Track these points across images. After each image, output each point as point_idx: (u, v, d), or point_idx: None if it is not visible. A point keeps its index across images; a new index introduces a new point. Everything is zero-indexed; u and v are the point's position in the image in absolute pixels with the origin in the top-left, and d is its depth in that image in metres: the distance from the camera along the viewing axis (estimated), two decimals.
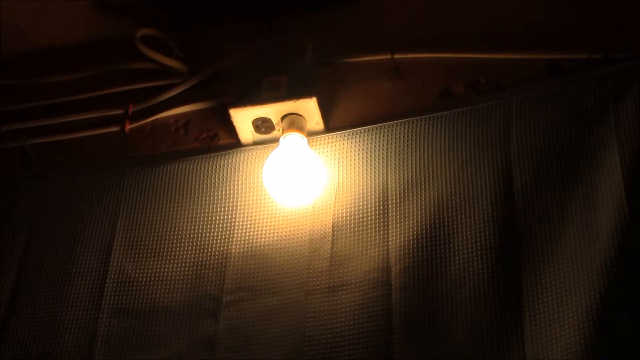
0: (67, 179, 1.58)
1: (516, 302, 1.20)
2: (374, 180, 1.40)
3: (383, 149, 1.42)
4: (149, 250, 1.45)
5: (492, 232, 1.26)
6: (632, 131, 1.24)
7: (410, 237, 1.31)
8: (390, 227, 1.34)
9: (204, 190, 1.49)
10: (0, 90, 1.76)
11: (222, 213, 1.45)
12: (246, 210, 1.44)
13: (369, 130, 1.45)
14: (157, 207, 1.50)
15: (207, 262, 1.41)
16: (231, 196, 1.47)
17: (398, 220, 1.34)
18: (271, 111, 1.46)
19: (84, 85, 1.72)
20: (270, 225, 1.42)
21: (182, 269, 1.42)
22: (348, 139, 1.46)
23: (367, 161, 1.42)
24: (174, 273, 1.42)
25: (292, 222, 1.41)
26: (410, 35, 1.56)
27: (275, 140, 1.47)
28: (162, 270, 1.42)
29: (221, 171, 1.50)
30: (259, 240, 1.41)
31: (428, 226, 1.31)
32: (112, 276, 1.44)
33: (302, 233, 1.40)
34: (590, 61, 1.38)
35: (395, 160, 1.40)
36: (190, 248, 1.43)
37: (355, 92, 1.55)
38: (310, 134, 1.48)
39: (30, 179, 1.61)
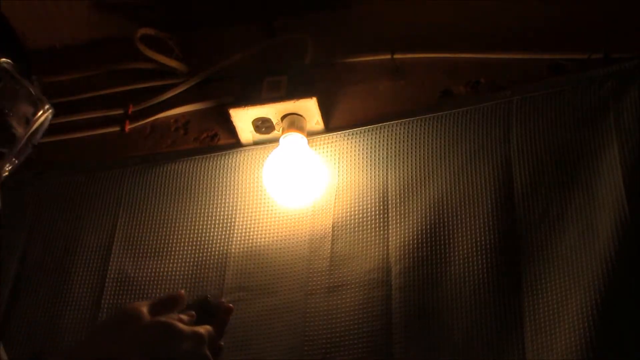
0: (67, 179, 1.58)
1: (516, 302, 1.20)
2: (374, 180, 1.40)
3: (383, 149, 1.42)
4: (149, 250, 1.45)
5: (492, 232, 1.26)
6: (632, 131, 1.24)
7: (410, 237, 1.31)
8: (390, 227, 1.34)
9: (204, 190, 1.49)
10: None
11: (222, 213, 1.45)
12: (246, 210, 1.44)
13: (369, 130, 1.45)
14: (157, 207, 1.50)
15: (207, 261, 1.41)
16: (231, 196, 1.47)
17: (398, 220, 1.34)
18: (271, 111, 1.46)
19: (84, 85, 1.72)
20: (270, 226, 1.42)
21: (182, 268, 1.42)
22: (348, 139, 1.46)
23: (367, 161, 1.42)
24: (173, 273, 1.42)
25: (292, 223, 1.41)
26: (410, 35, 1.56)
27: (275, 140, 1.47)
28: (162, 269, 1.42)
29: (221, 171, 1.50)
30: (259, 240, 1.41)
31: (428, 226, 1.31)
32: (112, 276, 1.44)
33: (302, 233, 1.39)
34: (590, 61, 1.38)
35: (395, 160, 1.40)
36: (190, 248, 1.43)
37: (355, 92, 1.55)
38: (310, 134, 1.48)
39: (30, 179, 1.61)
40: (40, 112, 0.90)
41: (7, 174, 0.91)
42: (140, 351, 0.87)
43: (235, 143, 1.54)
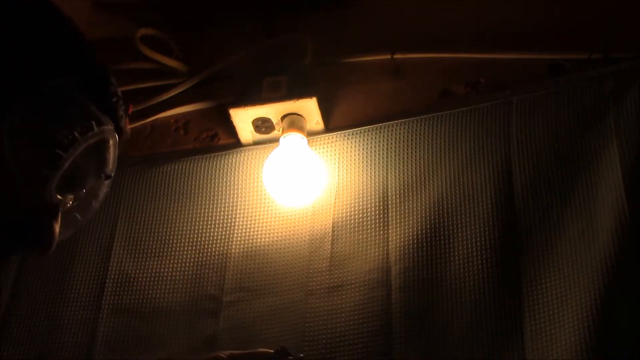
0: None
1: (516, 302, 1.20)
2: (374, 180, 1.40)
3: (383, 149, 1.42)
4: (149, 250, 1.45)
5: (492, 232, 1.26)
6: (632, 131, 1.24)
7: (410, 237, 1.31)
8: (390, 227, 1.34)
9: (204, 190, 1.49)
10: None
11: (222, 213, 1.45)
12: (246, 210, 1.44)
13: (369, 130, 1.45)
14: (157, 207, 1.50)
15: (207, 262, 1.41)
16: (231, 196, 1.47)
17: (398, 220, 1.34)
18: (271, 111, 1.46)
19: None
20: (270, 225, 1.42)
21: (182, 269, 1.42)
22: (348, 139, 1.46)
23: (367, 161, 1.42)
24: (174, 273, 1.42)
25: (292, 222, 1.41)
26: (410, 35, 1.56)
27: (275, 140, 1.47)
28: (162, 270, 1.42)
29: (221, 171, 1.50)
30: (259, 240, 1.41)
31: (428, 226, 1.31)
32: (112, 276, 1.44)
33: (302, 233, 1.39)
34: (590, 61, 1.38)
35: (395, 160, 1.40)
36: (190, 248, 1.43)
37: (355, 92, 1.55)
38: (310, 134, 1.48)
39: None
40: (90, 133, 0.77)
41: (69, 205, 0.80)
42: None
43: (235, 143, 1.54)
